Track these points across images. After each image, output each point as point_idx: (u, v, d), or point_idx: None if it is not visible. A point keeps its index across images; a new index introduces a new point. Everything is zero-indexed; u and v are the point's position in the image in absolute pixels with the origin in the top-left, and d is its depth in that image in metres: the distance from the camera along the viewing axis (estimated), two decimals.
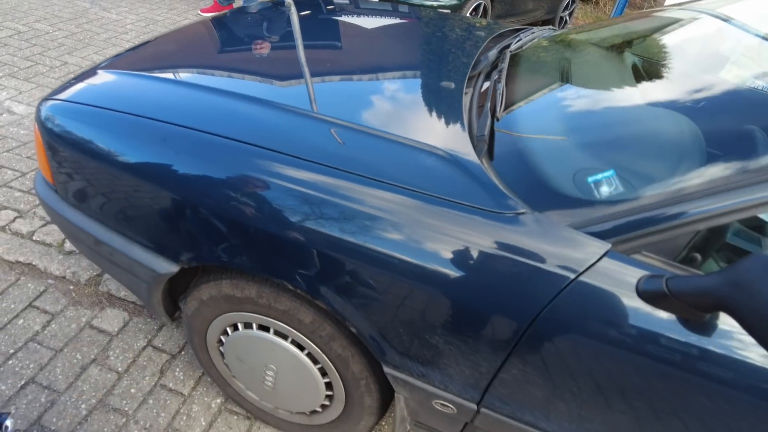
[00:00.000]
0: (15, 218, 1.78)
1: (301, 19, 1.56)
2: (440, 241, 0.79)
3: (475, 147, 0.93)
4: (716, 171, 0.75)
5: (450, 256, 0.79)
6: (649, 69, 1.13)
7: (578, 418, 0.85)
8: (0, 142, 2.15)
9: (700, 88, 0.99)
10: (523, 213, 0.79)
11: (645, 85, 1.06)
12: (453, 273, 0.79)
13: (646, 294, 0.73)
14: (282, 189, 0.85)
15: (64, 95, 1.09)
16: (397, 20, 1.66)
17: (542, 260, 0.76)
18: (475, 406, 0.92)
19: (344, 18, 1.60)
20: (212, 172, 0.89)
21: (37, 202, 1.87)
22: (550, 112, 1.03)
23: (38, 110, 1.09)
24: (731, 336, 0.73)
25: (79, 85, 1.12)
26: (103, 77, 1.14)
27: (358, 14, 1.66)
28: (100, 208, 1.05)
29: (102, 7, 3.89)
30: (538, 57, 1.33)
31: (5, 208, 1.82)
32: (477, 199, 0.82)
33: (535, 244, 0.76)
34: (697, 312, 0.70)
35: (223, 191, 0.88)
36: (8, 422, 0.94)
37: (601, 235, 0.76)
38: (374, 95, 1.10)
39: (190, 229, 0.95)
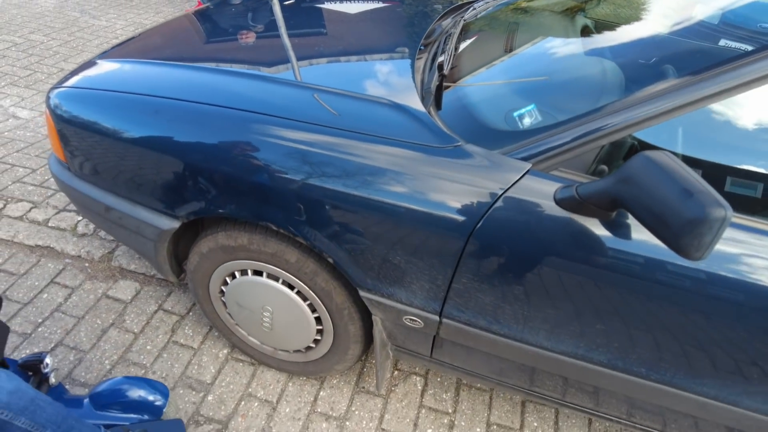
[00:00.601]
0: (31, 208, 1.95)
1: (284, 7, 1.70)
2: (395, 175, 0.95)
3: (422, 99, 1.08)
4: (610, 97, 0.90)
5: (403, 187, 0.94)
6: (576, 24, 1.27)
7: (522, 318, 1.01)
8: (10, 144, 2.31)
9: (618, 36, 1.14)
10: (460, 145, 0.95)
11: (569, 38, 1.21)
12: (406, 200, 0.94)
13: (562, 202, 0.88)
14: (261, 143, 1.01)
15: (69, 83, 1.25)
16: (378, 4, 1.78)
17: (476, 182, 0.91)
18: (437, 317, 1.08)
19: (326, 5, 1.73)
20: (199, 135, 1.05)
21: (49, 194, 2.03)
22: (488, 66, 1.18)
23: (48, 98, 1.25)
24: (639, 232, 0.88)
25: (81, 74, 1.28)
26: (101, 66, 1.29)
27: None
28: (108, 178, 1.21)
29: (91, 15, 4.03)
30: (482, 23, 1.47)
31: (21, 200, 1.99)
32: (424, 139, 0.97)
33: (470, 169, 0.92)
34: (603, 212, 0.86)
35: (210, 151, 1.04)
36: (48, 359, 1.11)
37: (525, 158, 0.92)
38: (345, 65, 1.25)
39: (184, 187, 1.10)
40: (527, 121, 0.96)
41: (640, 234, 0.88)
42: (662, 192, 0.71)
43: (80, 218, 1.94)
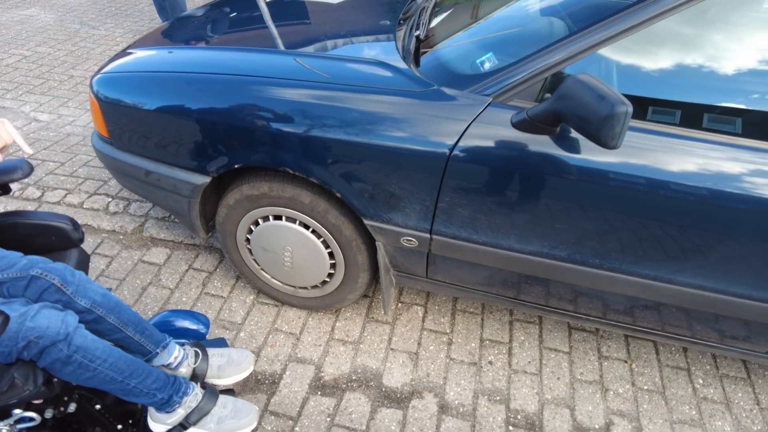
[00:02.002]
0: (66, 195, 2.18)
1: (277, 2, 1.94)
2: (385, 116, 1.18)
3: (404, 58, 1.33)
4: (548, 41, 1.14)
5: (392, 125, 1.18)
6: None
7: (495, 226, 1.25)
8: (37, 143, 2.54)
9: None
10: (435, 88, 1.19)
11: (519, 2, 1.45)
12: (394, 136, 1.18)
13: (517, 124, 1.12)
14: (277, 101, 1.25)
15: (107, 69, 1.49)
16: None
17: (449, 115, 1.15)
18: (428, 235, 1.32)
19: None
20: (225, 99, 1.29)
21: (80, 181, 2.27)
22: (455, 31, 1.42)
23: (91, 84, 1.49)
24: (580, 142, 1.12)
25: (117, 61, 1.51)
26: (132, 53, 1.53)
27: None
28: (147, 146, 1.45)
29: (90, 26, 4.25)
30: None
31: (56, 188, 2.22)
32: (407, 86, 1.21)
33: (444, 106, 1.16)
34: (549, 128, 1.10)
35: (236, 111, 1.28)
36: None
37: (487, 94, 1.16)
38: (341, 39, 1.49)
39: (213, 145, 1.34)
40: (487, 66, 1.20)
41: (580, 145, 1.12)
42: (585, 99, 0.95)
43: (110, 199, 2.17)
